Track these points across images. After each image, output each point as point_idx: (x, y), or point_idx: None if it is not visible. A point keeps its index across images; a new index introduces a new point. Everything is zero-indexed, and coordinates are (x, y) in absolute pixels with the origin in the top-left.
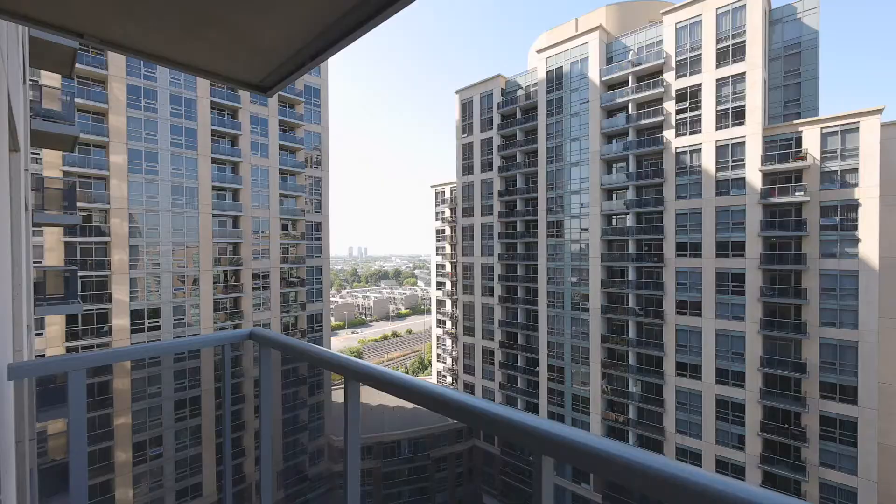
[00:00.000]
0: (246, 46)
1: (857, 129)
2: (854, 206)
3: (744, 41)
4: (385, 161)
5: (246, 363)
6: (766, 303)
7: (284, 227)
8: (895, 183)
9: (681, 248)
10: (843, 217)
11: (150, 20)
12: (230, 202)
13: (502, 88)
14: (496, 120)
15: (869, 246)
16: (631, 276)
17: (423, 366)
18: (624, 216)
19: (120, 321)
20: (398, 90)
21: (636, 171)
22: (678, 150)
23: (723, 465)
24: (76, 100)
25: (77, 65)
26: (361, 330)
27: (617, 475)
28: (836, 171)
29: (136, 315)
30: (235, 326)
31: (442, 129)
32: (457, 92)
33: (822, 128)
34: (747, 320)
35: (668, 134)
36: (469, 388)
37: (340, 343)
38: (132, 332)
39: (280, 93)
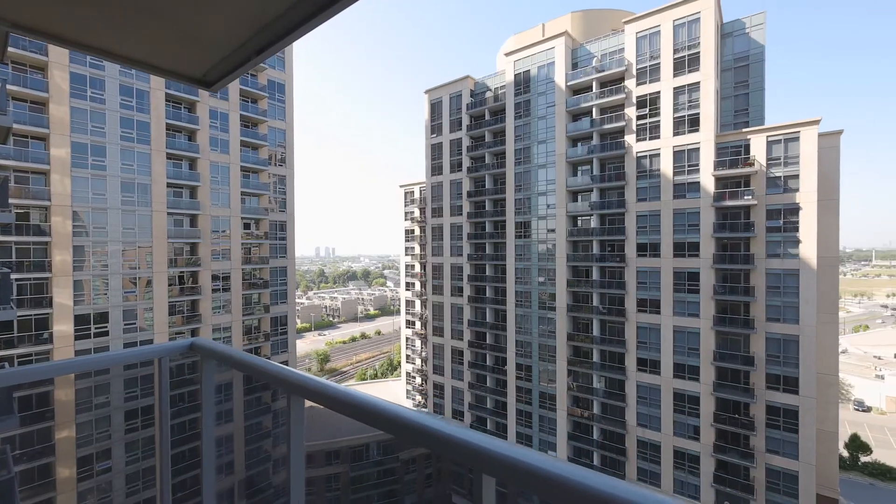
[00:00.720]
0: (186, 39)
1: (797, 138)
2: (795, 210)
3: (698, 52)
4: (354, 160)
5: (195, 376)
6: (718, 300)
7: (246, 226)
8: (831, 188)
9: (641, 249)
10: (786, 220)
11: (82, 8)
12: (187, 200)
13: (471, 90)
14: (465, 121)
15: (808, 246)
16: (595, 275)
17: (393, 367)
18: (588, 217)
19: (62, 327)
20: (368, 89)
21: (600, 174)
22: (639, 155)
23: (680, 456)
24: (10, 87)
25: (11, 49)
26: (329, 332)
27: (560, 496)
28: (779, 177)
29: (81, 320)
30: (193, 332)
31: (411, 128)
32: (426, 92)
33: (767, 136)
34: (702, 317)
35: (630, 139)
36: (438, 388)
37: (307, 346)
38: (77, 338)
39: (242, 87)
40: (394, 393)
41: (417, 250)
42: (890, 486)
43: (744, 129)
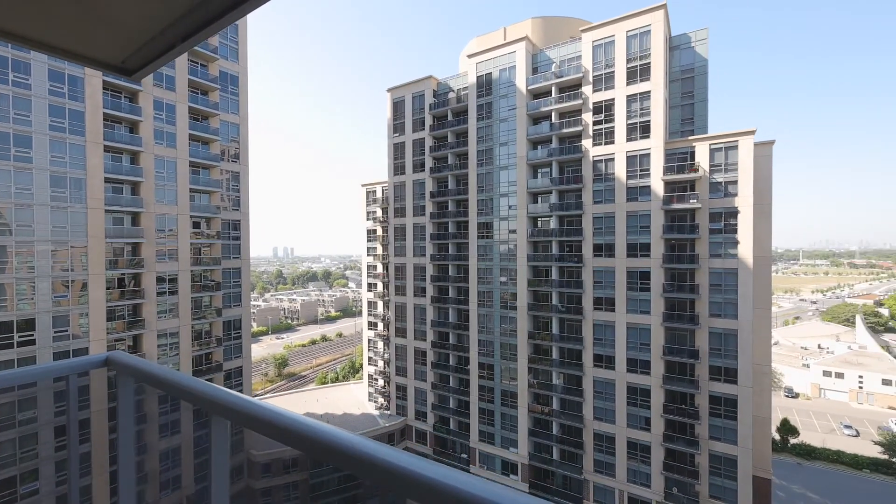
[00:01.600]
0: (100, 22)
1: (736, 147)
2: (734, 213)
3: (649, 63)
4: (315, 159)
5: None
6: (667, 298)
7: (196, 225)
8: (764, 193)
9: (597, 249)
10: (726, 222)
11: None
12: (128, 196)
13: (434, 90)
14: (428, 121)
15: (745, 247)
16: (554, 275)
17: (355, 370)
18: (548, 219)
19: None
20: (329, 87)
21: (559, 177)
22: (595, 159)
23: (633, 446)
24: None
25: None
26: (287, 335)
27: None
28: (721, 182)
29: (2, 328)
30: (134, 337)
31: (373, 127)
32: (388, 90)
33: (710, 144)
34: (652, 314)
35: (587, 143)
36: (401, 390)
37: (263, 350)
38: None
39: (191, 77)
40: (355, 396)
41: (380, 251)
42: (814, 464)
43: (689, 137)
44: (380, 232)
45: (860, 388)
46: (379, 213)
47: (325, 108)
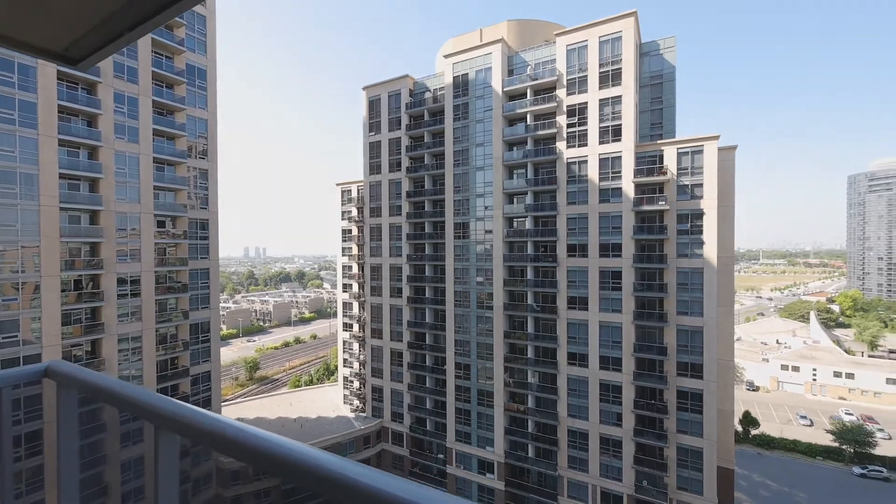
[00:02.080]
0: (40, 7)
1: (701, 151)
2: (700, 215)
3: (620, 68)
4: (289, 157)
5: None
6: (637, 297)
7: (161, 224)
8: (728, 196)
9: (571, 249)
10: (692, 223)
11: None
12: (86, 194)
13: (410, 89)
14: (404, 120)
15: (710, 247)
16: (530, 275)
17: (330, 372)
18: (523, 219)
19: None
20: (303, 82)
21: (534, 178)
22: (569, 161)
23: (605, 442)
24: None
25: None
26: (259, 337)
27: None
28: (687, 185)
29: None
30: (93, 343)
31: (349, 125)
32: (364, 88)
33: (677, 148)
34: (623, 312)
35: (561, 145)
36: (377, 391)
37: (233, 353)
38: None
39: (155, 69)
40: (330, 399)
41: (355, 251)
42: (773, 453)
43: (658, 141)
44: (355, 232)
45: (814, 380)
46: (355, 212)
47: (300, 105)
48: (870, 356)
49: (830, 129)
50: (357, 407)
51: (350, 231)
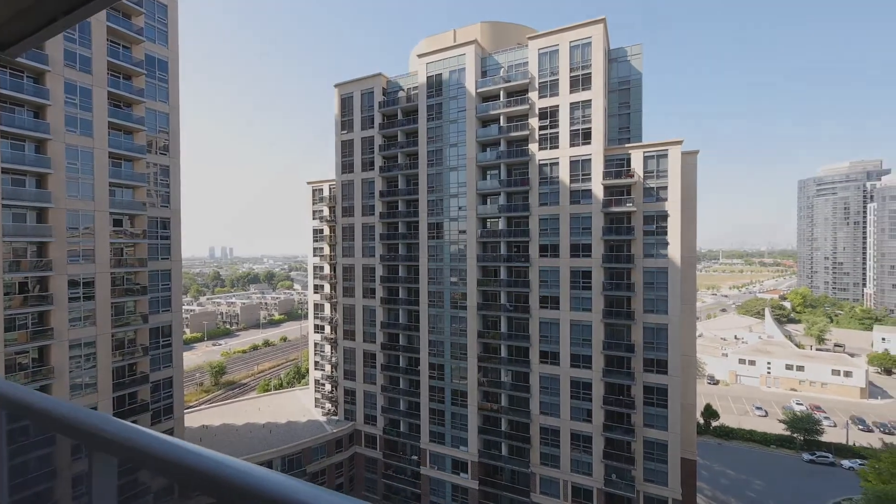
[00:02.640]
0: None
1: (666, 155)
2: (665, 216)
3: (590, 73)
4: (258, 154)
5: None
6: (606, 295)
7: (118, 223)
8: (690, 198)
9: (543, 250)
10: (657, 225)
11: None
12: (32, 190)
13: (383, 88)
14: (377, 119)
15: (674, 248)
16: (503, 275)
17: (301, 375)
18: (497, 220)
19: None
20: (275, 79)
21: (507, 179)
22: (541, 162)
23: (576, 437)
24: None
25: None
26: (226, 341)
27: None
28: (653, 188)
29: None
30: (40, 349)
31: (321, 123)
32: (336, 86)
33: (644, 152)
34: (593, 311)
35: (533, 147)
36: (350, 394)
37: (197, 357)
38: None
39: (110, 59)
40: (301, 403)
41: (327, 251)
42: (732, 443)
43: (626, 145)
44: (327, 232)
45: (768, 373)
46: (326, 212)
47: (270, 102)
48: (817, 349)
49: (786, 136)
50: (329, 410)
51: (322, 231)
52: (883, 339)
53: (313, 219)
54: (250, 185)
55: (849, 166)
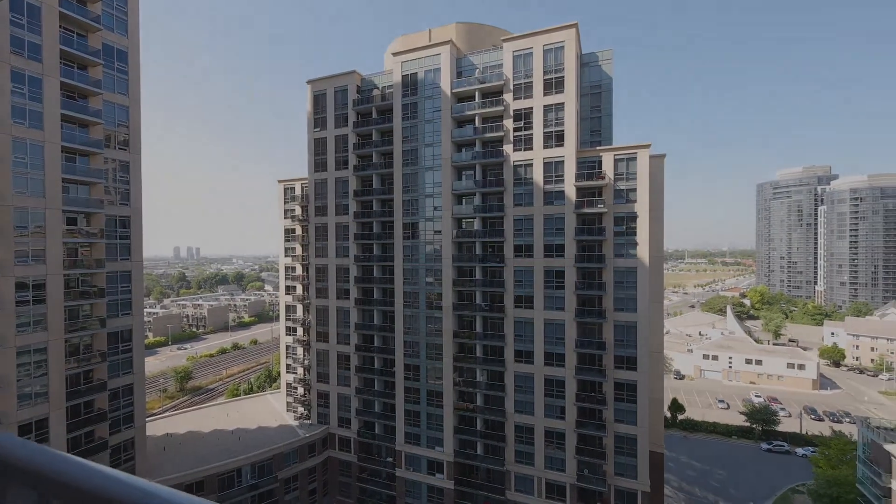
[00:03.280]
0: None
1: (635, 158)
2: (634, 217)
3: (563, 76)
4: (228, 151)
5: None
6: (579, 295)
7: (72, 221)
8: (658, 200)
9: (518, 250)
10: (627, 226)
11: None
12: None
13: (357, 86)
14: (351, 117)
15: (643, 248)
16: (478, 275)
17: (272, 379)
18: (472, 220)
19: None
20: (246, 74)
21: (482, 180)
22: (515, 164)
23: (549, 435)
24: None
25: None
26: (192, 344)
27: None
28: (623, 190)
29: None
30: None
31: (293, 120)
32: (309, 82)
33: (614, 155)
34: (566, 310)
35: (508, 148)
36: (323, 397)
37: (161, 363)
38: None
39: (63, 47)
40: (272, 407)
41: (299, 251)
42: (697, 435)
43: (597, 148)
44: (299, 231)
45: (730, 367)
46: (298, 211)
47: (242, 97)
48: (774, 344)
49: (749, 141)
50: (301, 414)
51: (294, 231)
52: (832, 333)
53: (285, 218)
54: (222, 181)
55: (802, 171)
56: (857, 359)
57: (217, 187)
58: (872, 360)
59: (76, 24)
